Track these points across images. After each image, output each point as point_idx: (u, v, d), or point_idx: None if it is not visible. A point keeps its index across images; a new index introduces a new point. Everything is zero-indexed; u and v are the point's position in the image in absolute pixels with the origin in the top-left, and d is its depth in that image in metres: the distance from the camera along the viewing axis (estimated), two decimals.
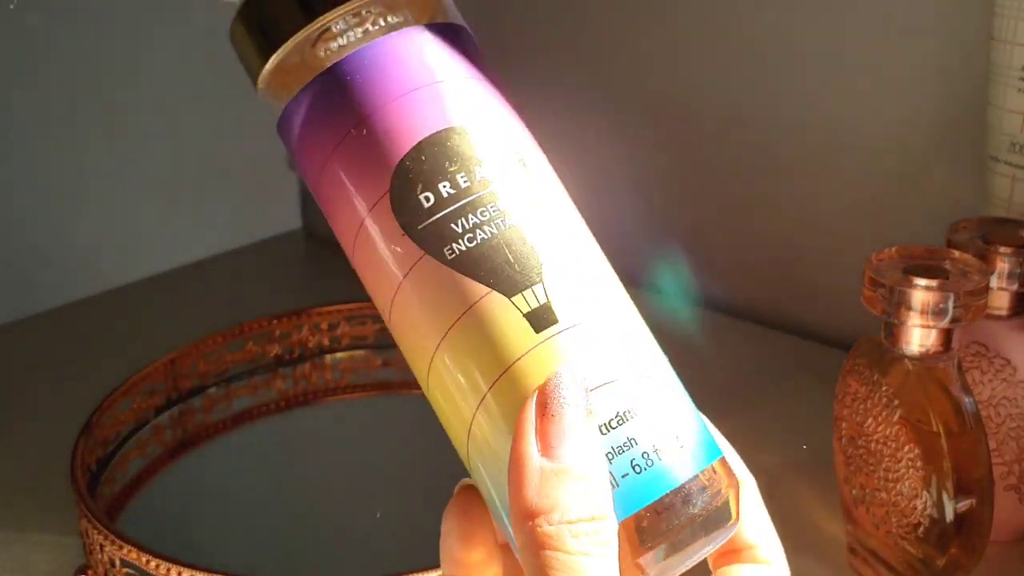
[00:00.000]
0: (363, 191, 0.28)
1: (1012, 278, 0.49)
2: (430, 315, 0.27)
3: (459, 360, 0.27)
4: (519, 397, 0.26)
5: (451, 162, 0.27)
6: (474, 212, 0.27)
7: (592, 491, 0.25)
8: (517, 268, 0.27)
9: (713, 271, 0.80)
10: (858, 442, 0.49)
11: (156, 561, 0.45)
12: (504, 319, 0.26)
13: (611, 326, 0.27)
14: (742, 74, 0.75)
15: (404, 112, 0.28)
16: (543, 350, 0.26)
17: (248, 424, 0.63)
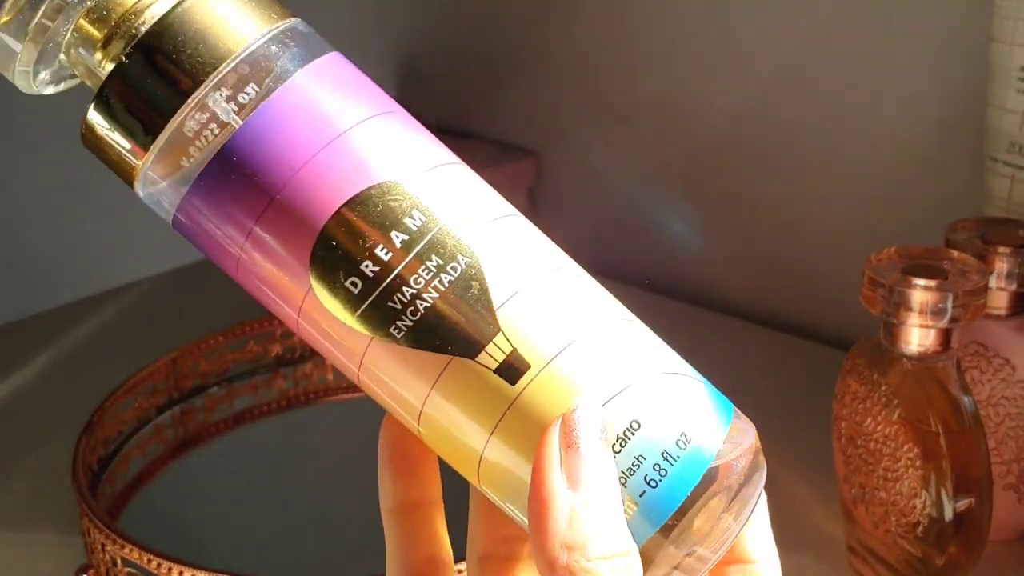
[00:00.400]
0: (285, 293, 0.26)
1: (1011, 278, 0.49)
2: (399, 395, 0.26)
3: (441, 433, 0.26)
4: (513, 453, 0.25)
5: (366, 237, 0.25)
6: (407, 283, 0.25)
7: (620, 523, 0.25)
8: (469, 327, 0.25)
9: (713, 271, 0.81)
10: (857, 441, 0.49)
11: (157, 560, 0.45)
12: (475, 382, 0.25)
13: (592, 346, 0.26)
14: (741, 74, 0.75)
15: (301, 192, 0.25)
16: (525, 400, 0.25)
17: (249, 424, 0.63)
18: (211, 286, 0.86)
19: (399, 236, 0.25)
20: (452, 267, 0.25)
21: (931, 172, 0.67)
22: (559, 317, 0.25)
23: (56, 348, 0.77)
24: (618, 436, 0.25)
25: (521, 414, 0.25)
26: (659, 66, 0.79)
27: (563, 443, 0.24)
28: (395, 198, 0.25)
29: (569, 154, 0.87)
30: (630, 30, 0.80)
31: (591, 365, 0.25)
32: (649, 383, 0.26)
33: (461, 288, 0.25)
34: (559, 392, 0.25)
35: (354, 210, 0.25)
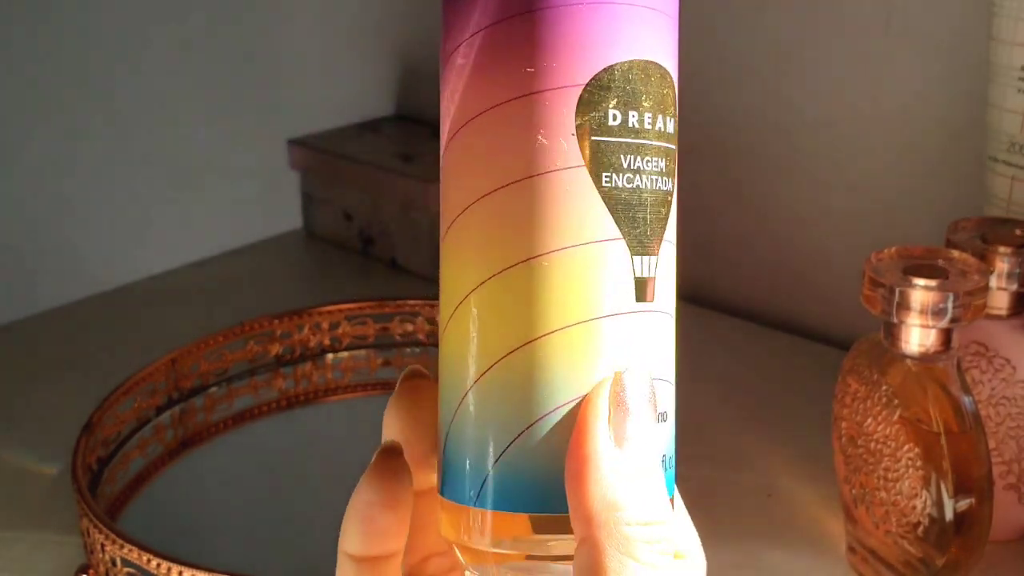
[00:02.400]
0: (556, 68, 0.25)
1: (1011, 278, 0.49)
2: (544, 225, 0.25)
3: (547, 284, 0.25)
4: (590, 350, 0.25)
5: (648, 97, 0.26)
6: (642, 156, 0.26)
7: (661, 490, 0.24)
8: (648, 231, 0.26)
9: (713, 271, 0.81)
10: (858, 442, 0.49)
11: (157, 560, 0.45)
12: (616, 271, 0.25)
13: (671, 326, 0.27)
14: (741, 74, 0.75)
15: (639, 22, 0.26)
16: (630, 320, 0.25)
17: (249, 424, 0.63)
18: (211, 286, 0.87)
19: (661, 122, 0.26)
20: (665, 180, 0.26)
21: (931, 172, 0.67)
22: (672, 287, 0.27)
23: (56, 348, 0.77)
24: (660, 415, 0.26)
25: (618, 329, 0.25)
26: None
27: (613, 400, 0.24)
28: (674, 101, 0.26)
29: None
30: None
31: (671, 343, 0.27)
32: (672, 392, 0.27)
33: (660, 200, 0.26)
34: (651, 341, 0.26)
35: (659, 72, 0.26)
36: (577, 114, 0.25)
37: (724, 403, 0.67)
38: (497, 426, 0.26)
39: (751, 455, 0.61)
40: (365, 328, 0.67)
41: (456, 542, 0.27)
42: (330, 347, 0.67)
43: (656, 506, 0.24)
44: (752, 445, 0.62)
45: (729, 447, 0.62)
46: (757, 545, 0.54)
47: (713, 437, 0.63)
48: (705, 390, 0.68)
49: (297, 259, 0.93)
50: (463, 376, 0.26)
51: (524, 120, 0.25)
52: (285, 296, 0.80)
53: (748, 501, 0.57)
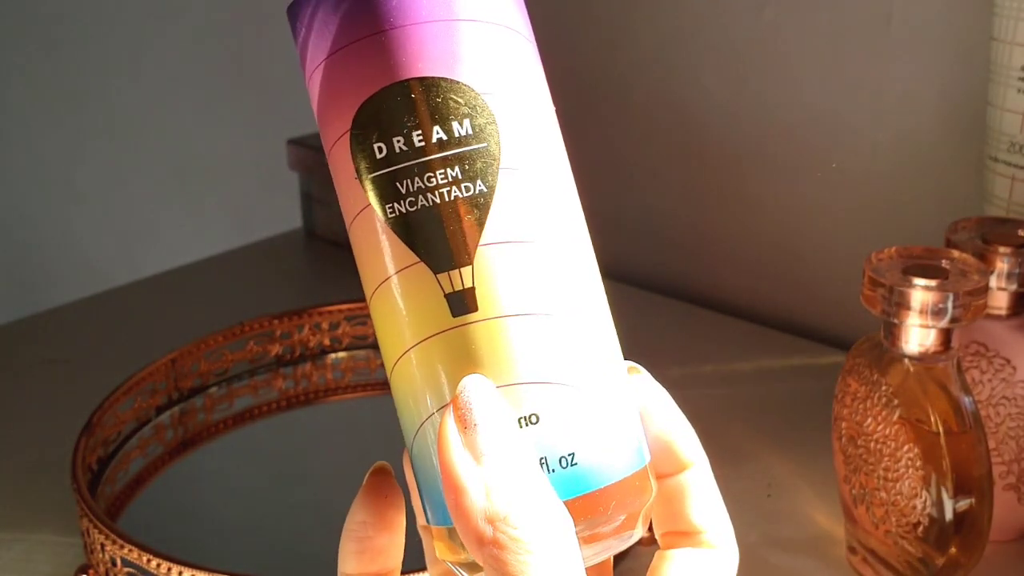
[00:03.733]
0: (333, 119, 0.26)
1: (1011, 278, 0.49)
2: (367, 266, 0.26)
3: (382, 320, 0.26)
4: (423, 374, 0.26)
5: (411, 116, 0.25)
6: (422, 176, 0.25)
7: (537, 484, 0.24)
8: (450, 245, 0.25)
9: (712, 271, 0.81)
10: (858, 442, 0.49)
11: (157, 560, 0.45)
12: (424, 294, 0.25)
13: (536, 324, 0.26)
14: (741, 74, 0.75)
15: (395, 44, 0.25)
16: (455, 336, 0.25)
17: (249, 424, 0.63)
18: (211, 286, 0.87)
19: (439, 132, 0.25)
20: (467, 186, 0.25)
21: (931, 172, 0.67)
22: (530, 285, 0.26)
23: (56, 348, 0.77)
24: (519, 418, 0.25)
25: (445, 345, 0.25)
26: (658, 65, 0.79)
27: (459, 424, 0.24)
28: (459, 100, 0.26)
29: (570, 153, 0.87)
30: (630, 29, 0.80)
31: (530, 343, 0.25)
32: (572, 391, 0.26)
33: (463, 209, 0.25)
34: (488, 348, 0.25)
35: (421, 87, 0.25)
36: (353, 159, 0.26)
37: (724, 403, 0.67)
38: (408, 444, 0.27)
39: (751, 455, 0.61)
40: (365, 328, 0.67)
41: (453, 562, 0.27)
42: (330, 347, 0.67)
43: (538, 501, 0.24)
44: (752, 445, 0.62)
45: (729, 447, 0.62)
46: (757, 545, 0.54)
47: (713, 437, 0.63)
48: (705, 390, 0.68)
49: (297, 259, 0.93)
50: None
51: (335, 175, 0.27)
52: (285, 296, 0.80)
53: (748, 501, 0.57)
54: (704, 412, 0.65)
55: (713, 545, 0.28)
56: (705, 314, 0.79)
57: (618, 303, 0.70)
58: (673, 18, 0.77)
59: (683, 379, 0.69)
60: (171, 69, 0.93)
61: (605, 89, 0.83)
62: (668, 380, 0.28)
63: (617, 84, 0.82)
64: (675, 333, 0.76)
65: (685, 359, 0.72)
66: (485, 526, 0.24)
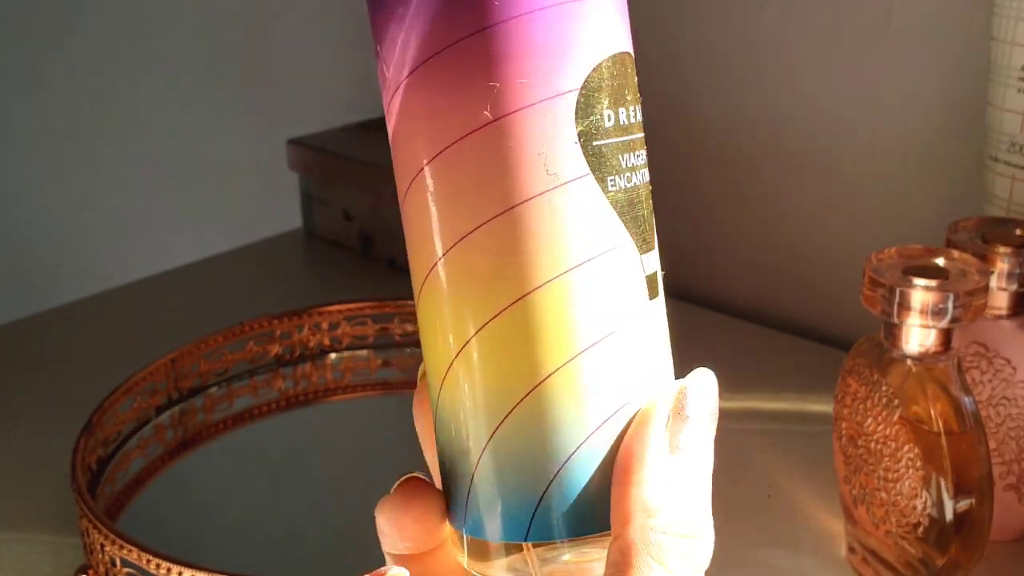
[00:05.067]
0: (547, 75, 0.23)
1: (1012, 278, 0.49)
2: (561, 241, 0.23)
3: (569, 301, 0.24)
4: (620, 362, 0.24)
5: (629, 90, 0.25)
6: (634, 152, 0.25)
7: (705, 504, 0.24)
8: (647, 226, 0.25)
9: (713, 271, 0.81)
10: (858, 442, 0.49)
11: (157, 561, 0.45)
12: (631, 275, 0.24)
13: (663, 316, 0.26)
14: (741, 74, 0.75)
15: (610, 15, 0.24)
16: (648, 320, 0.25)
17: (249, 424, 0.63)
18: (211, 286, 0.87)
19: (638, 111, 0.25)
20: (647, 172, 0.25)
21: (931, 172, 0.67)
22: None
23: (56, 348, 0.77)
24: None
25: (642, 330, 0.25)
26: (659, 66, 0.79)
27: (675, 409, 0.24)
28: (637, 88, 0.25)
29: None
30: (632, 30, 0.80)
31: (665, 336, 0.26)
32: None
33: (648, 193, 0.25)
34: (663, 335, 0.25)
35: (630, 62, 0.25)
36: (577, 121, 0.23)
37: (724, 403, 0.66)
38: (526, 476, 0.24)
39: (751, 455, 0.61)
40: (365, 328, 0.67)
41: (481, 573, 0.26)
42: (330, 347, 0.67)
43: (697, 519, 0.24)
44: (752, 445, 0.62)
45: (729, 447, 0.62)
46: (757, 545, 0.54)
47: (713, 437, 0.63)
48: None
49: (297, 259, 0.93)
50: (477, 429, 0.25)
51: (517, 143, 0.23)
52: (285, 296, 0.80)
53: (748, 501, 0.57)
54: None
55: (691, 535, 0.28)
56: (705, 314, 0.79)
57: None
58: (674, 18, 0.77)
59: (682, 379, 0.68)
60: (171, 69, 0.93)
61: None
62: None
63: None
64: (675, 333, 0.76)
65: (685, 359, 0.72)
66: (639, 510, 0.23)
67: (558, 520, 0.24)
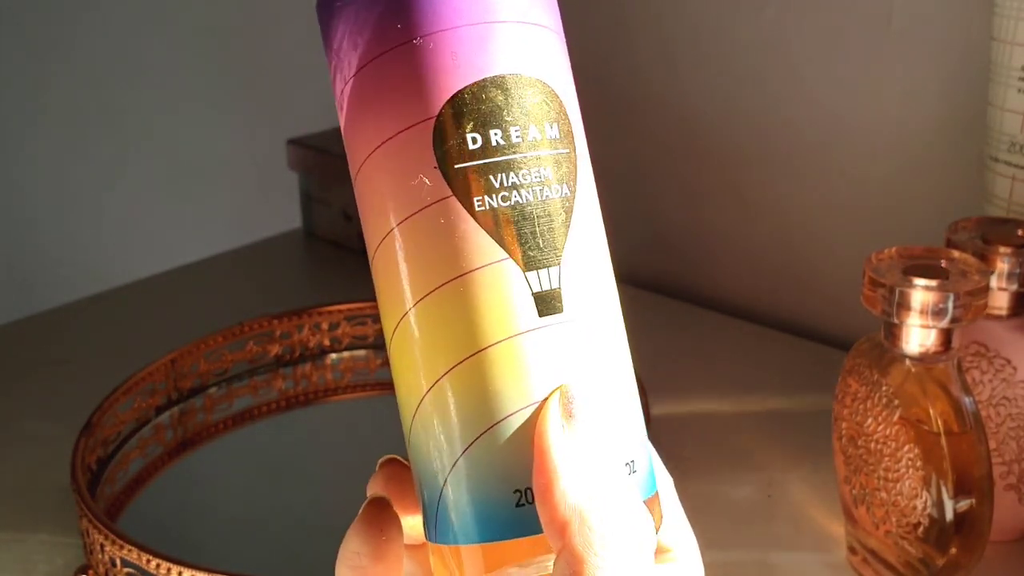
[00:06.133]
0: (406, 107, 0.25)
1: (1012, 278, 0.49)
2: (433, 260, 0.25)
3: (442, 320, 0.25)
4: (505, 372, 0.25)
5: (510, 111, 0.25)
6: (517, 172, 0.25)
7: (629, 492, 0.25)
8: (541, 244, 0.25)
9: (713, 271, 0.81)
10: (858, 442, 0.49)
11: (156, 561, 0.45)
12: (512, 291, 0.25)
13: (604, 330, 0.26)
14: (742, 74, 0.75)
15: (484, 40, 0.25)
16: (539, 336, 0.25)
17: (248, 424, 0.63)
18: (211, 286, 0.87)
19: (535, 132, 0.25)
20: (555, 188, 0.26)
21: (931, 172, 0.67)
22: (599, 292, 0.26)
23: (56, 348, 0.77)
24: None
25: (529, 347, 0.25)
26: (659, 65, 0.79)
27: (564, 413, 0.25)
28: (551, 104, 0.26)
29: None
30: (630, 30, 0.80)
31: (602, 350, 0.26)
32: (633, 400, 0.27)
33: (552, 210, 0.25)
34: (567, 351, 0.25)
35: (520, 83, 0.25)
36: (435, 147, 0.25)
37: (724, 403, 0.66)
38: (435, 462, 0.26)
39: (751, 455, 0.61)
40: (364, 328, 0.67)
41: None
42: (330, 347, 0.67)
43: (627, 506, 0.24)
44: (752, 445, 0.62)
45: (729, 447, 0.62)
46: (757, 545, 0.54)
47: (713, 437, 0.63)
48: (706, 390, 0.68)
49: (297, 259, 0.93)
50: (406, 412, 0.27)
51: (393, 165, 0.25)
52: (285, 296, 0.80)
53: (748, 501, 0.57)
54: (704, 412, 0.66)
55: (678, 560, 0.28)
56: (705, 314, 0.79)
57: None
58: (674, 18, 0.77)
59: (683, 379, 0.69)
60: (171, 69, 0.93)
61: (606, 89, 0.83)
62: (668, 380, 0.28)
63: (618, 84, 0.82)
64: (675, 333, 0.76)
65: (685, 360, 0.72)
66: (572, 515, 0.24)
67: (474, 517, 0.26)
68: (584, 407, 0.25)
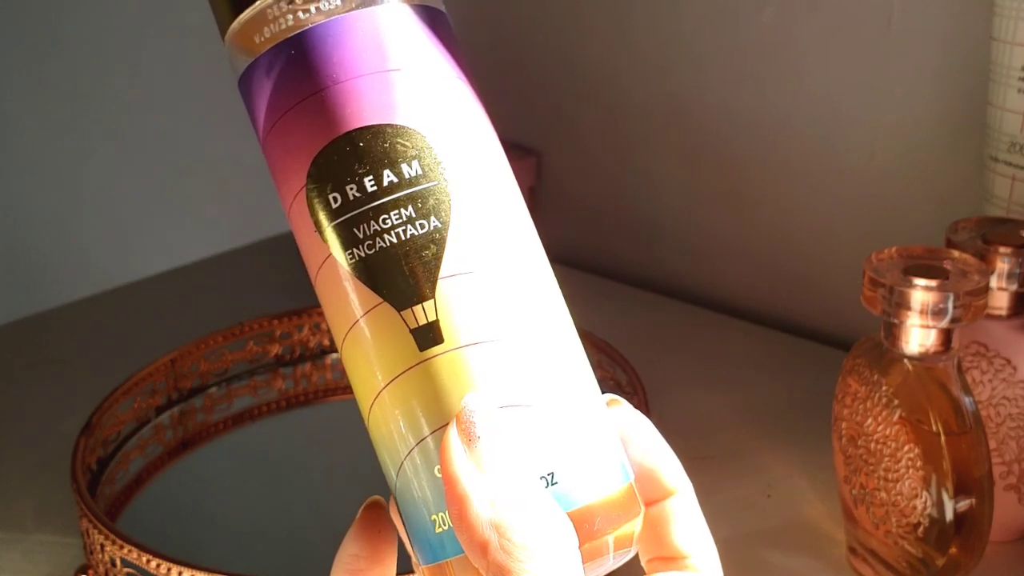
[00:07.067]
0: (289, 177, 0.27)
1: (1012, 278, 0.49)
2: (335, 316, 0.27)
3: (353, 366, 0.27)
4: (400, 411, 0.26)
5: (362, 163, 0.26)
6: (377, 219, 0.26)
7: (541, 498, 0.25)
8: (412, 282, 0.26)
9: (713, 270, 0.81)
10: (858, 442, 0.49)
11: (157, 561, 0.45)
12: (391, 332, 0.26)
13: (501, 349, 0.26)
14: (742, 74, 0.75)
15: (338, 100, 0.27)
16: (424, 369, 0.26)
17: (248, 424, 0.63)
18: (211, 286, 0.87)
19: (389, 176, 0.26)
20: (421, 224, 0.26)
21: (931, 172, 0.67)
22: (494, 312, 0.26)
23: (56, 348, 0.77)
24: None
25: (419, 379, 0.26)
26: (660, 65, 0.79)
27: (463, 438, 0.25)
28: (405, 143, 0.27)
29: (570, 153, 0.87)
30: (631, 30, 0.80)
31: (496, 368, 0.26)
32: (544, 412, 0.26)
33: (420, 246, 0.26)
34: (459, 377, 0.26)
35: (365, 136, 0.26)
36: (311, 213, 0.27)
37: (724, 403, 0.66)
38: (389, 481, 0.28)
39: (751, 455, 0.61)
40: None
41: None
42: (330, 347, 0.67)
43: (541, 513, 0.24)
44: (752, 445, 0.62)
45: (729, 447, 0.62)
46: (757, 545, 0.54)
47: (713, 437, 0.63)
48: (706, 390, 0.68)
49: (297, 259, 0.92)
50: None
51: (297, 227, 0.28)
52: (284, 296, 0.80)
53: (748, 501, 0.57)
54: (704, 412, 0.66)
55: (698, 569, 0.28)
56: (705, 314, 0.79)
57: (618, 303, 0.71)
58: (674, 18, 0.77)
59: (683, 379, 0.69)
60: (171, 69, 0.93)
61: (606, 89, 0.83)
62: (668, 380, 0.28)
63: (618, 85, 0.82)
64: (675, 333, 0.76)
65: (685, 359, 0.72)
66: (490, 534, 0.24)
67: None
68: (484, 426, 0.25)
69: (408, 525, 0.27)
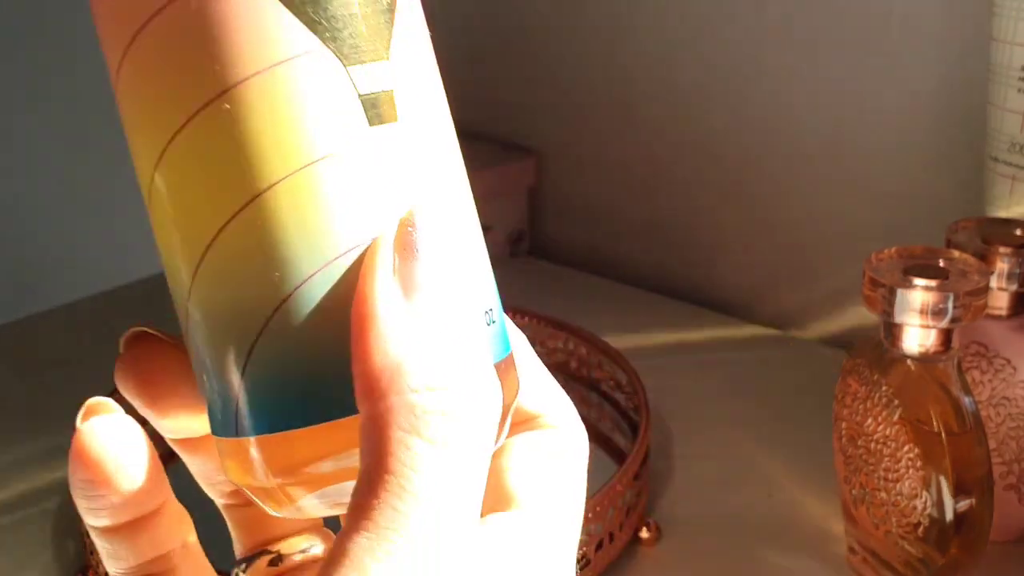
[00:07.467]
0: None
1: (1012, 278, 0.49)
2: (213, 55, 0.19)
3: (235, 132, 0.19)
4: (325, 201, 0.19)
5: None
6: None
7: (465, 349, 0.19)
8: (364, 30, 0.19)
9: (712, 270, 0.81)
10: (858, 442, 0.49)
11: None
12: (331, 91, 0.19)
13: (445, 149, 0.21)
14: (740, 74, 0.75)
15: None
16: (373, 149, 0.19)
17: None
18: None
19: None
20: None
21: (931, 172, 0.67)
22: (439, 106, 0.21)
23: (56, 348, 0.77)
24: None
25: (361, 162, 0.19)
26: (660, 65, 0.79)
27: (399, 248, 0.19)
28: None
29: (569, 153, 0.87)
30: (631, 30, 0.80)
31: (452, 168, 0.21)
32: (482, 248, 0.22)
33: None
34: (411, 171, 0.20)
35: None
36: None
37: (724, 403, 0.66)
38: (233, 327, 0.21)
39: (751, 455, 0.61)
40: None
41: (250, 487, 0.22)
42: None
43: (457, 366, 0.19)
44: (752, 445, 0.62)
45: (729, 447, 0.62)
46: (757, 545, 0.54)
47: (713, 437, 0.63)
48: (706, 389, 0.68)
49: None
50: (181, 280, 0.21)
51: None
52: None
53: (748, 501, 0.57)
54: (704, 412, 0.66)
55: (553, 425, 0.24)
56: (705, 314, 0.79)
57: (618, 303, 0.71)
58: (674, 19, 0.77)
59: (683, 379, 0.69)
60: None
61: (606, 89, 0.83)
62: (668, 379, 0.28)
63: (618, 85, 0.82)
64: (675, 333, 0.76)
65: (685, 358, 0.72)
66: (385, 373, 0.19)
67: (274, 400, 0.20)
68: (430, 242, 0.19)
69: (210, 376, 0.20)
